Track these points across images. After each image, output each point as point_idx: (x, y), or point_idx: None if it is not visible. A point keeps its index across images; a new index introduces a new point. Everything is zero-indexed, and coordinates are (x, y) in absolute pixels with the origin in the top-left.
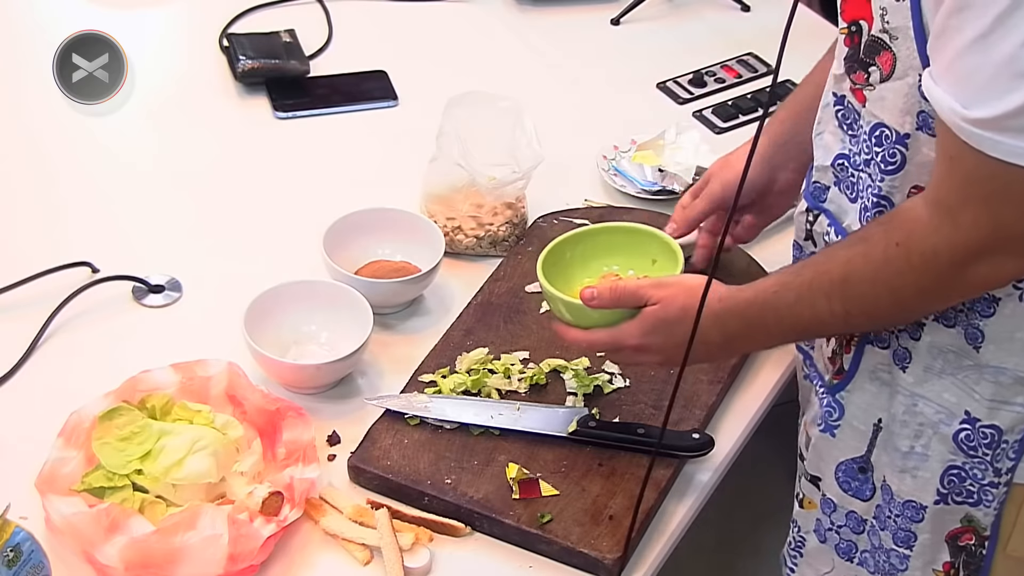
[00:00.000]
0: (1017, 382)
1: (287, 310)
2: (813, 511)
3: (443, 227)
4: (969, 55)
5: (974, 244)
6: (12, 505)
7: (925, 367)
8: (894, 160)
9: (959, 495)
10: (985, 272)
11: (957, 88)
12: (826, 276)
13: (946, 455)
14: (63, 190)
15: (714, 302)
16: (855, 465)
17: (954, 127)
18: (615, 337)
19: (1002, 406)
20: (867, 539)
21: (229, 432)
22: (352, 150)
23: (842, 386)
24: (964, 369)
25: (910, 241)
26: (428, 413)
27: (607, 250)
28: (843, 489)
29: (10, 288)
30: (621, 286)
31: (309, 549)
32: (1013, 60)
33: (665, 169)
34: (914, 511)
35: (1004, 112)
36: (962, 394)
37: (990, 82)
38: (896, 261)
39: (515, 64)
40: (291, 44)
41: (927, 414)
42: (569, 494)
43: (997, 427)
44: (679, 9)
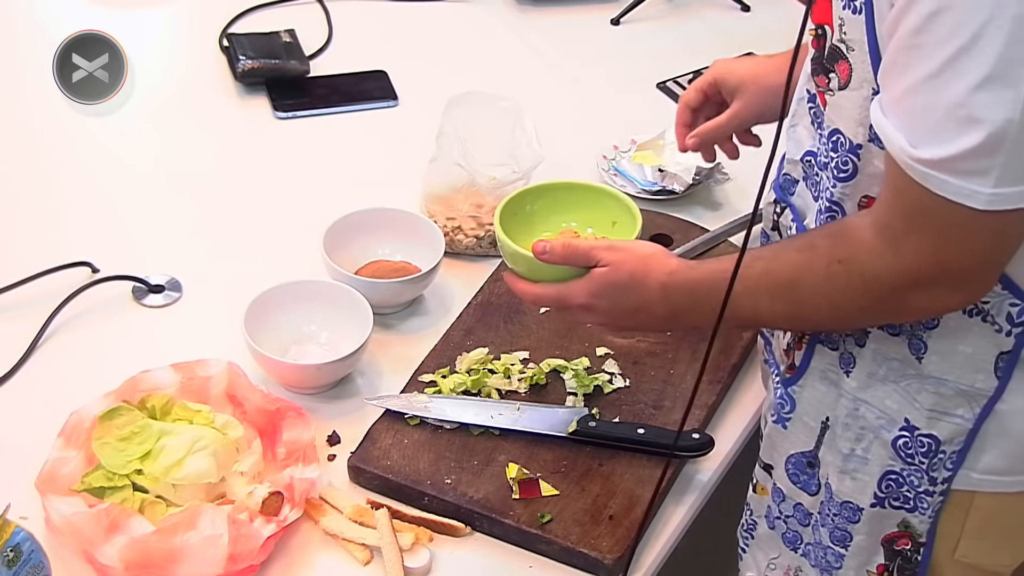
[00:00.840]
0: (958, 394)
1: (287, 310)
2: (765, 497)
3: (443, 227)
4: (918, 94)
5: (914, 273)
6: (12, 505)
7: (869, 373)
8: (846, 168)
9: (896, 500)
10: (923, 301)
11: (905, 125)
12: (772, 276)
13: (885, 460)
14: (63, 190)
15: (663, 274)
16: (804, 459)
17: (902, 163)
18: (562, 294)
19: (942, 416)
20: (811, 532)
21: (229, 432)
22: (352, 150)
23: (794, 381)
24: (907, 378)
25: (852, 262)
26: (428, 413)
27: (568, 206)
28: (792, 481)
29: (10, 288)
30: (574, 244)
31: (309, 549)
32: (961, 104)
33: (665, 169)
34: (851, 512)
35: (952, 155)
36: (903, 402)
37: (939, 124)
38: (837, 278)
39: (515, 64)
40: (291, 44)
41: (869, 419)
42: (569, 494)
43: (935, 436)
44: (679, 9)
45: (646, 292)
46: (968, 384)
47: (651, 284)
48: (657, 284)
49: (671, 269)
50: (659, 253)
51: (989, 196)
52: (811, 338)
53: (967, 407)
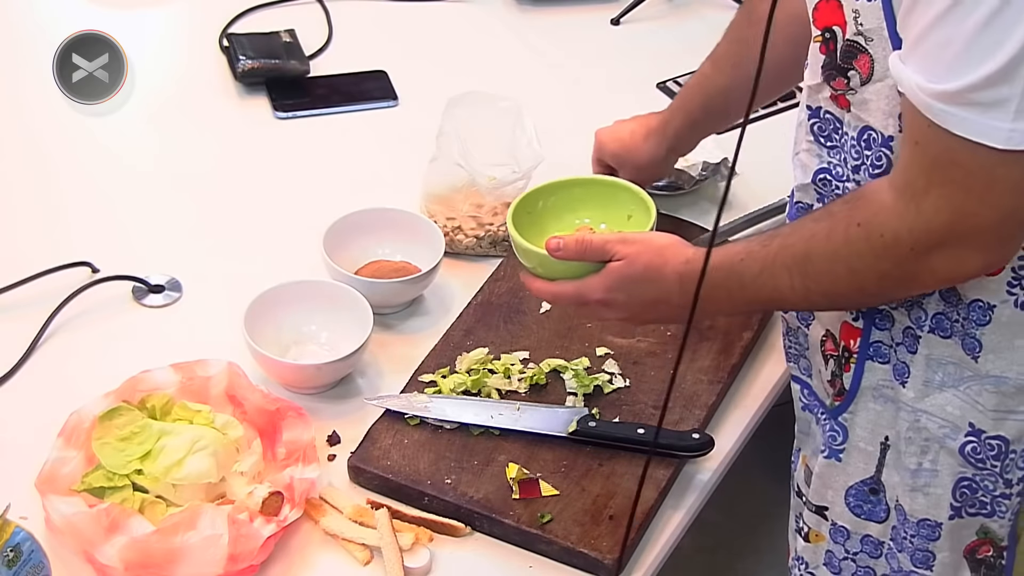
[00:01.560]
0: (1020, 390)
1: (287, 310)
2: (822, 543)
3: (443, 227)
4: (939, 27)
5: (935, 232)
6: (12, 505)
7: (925, 381)
8: (880, 163)
9: (972, 507)
10: (945, 263)
11: (926, 63)
12: (789, 250)
13: (956, 468)
14: (63, 190)
15: (679, 263)
16: (865, 487)
17: (920, 104)
18: (579, 290)
19: (1007, 416)
20: (885, 563)
21: (229, 432)
22: (352, 150)
23: (844, 407)
24: (965, 380)
25: (871, 223)
26: (428, 413)
27: (582, 203)
28: (855, 514)
29: (10, 288)
30: (587, 239)
31: (309, 549)
32: (984, 28)
33: None
34: (930, 529)
35: (973, 82)
36: (965, 406)
37: (961, 53)
38: (856, 242)
39: (515, 64)
40: (291, 44)
41: (931, 429)
42: (569, 494)
43: (1003, 437)
44: (679, 9)
45: (664, 283)
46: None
47: (668, 275)
48: (674, 274)
49: (687, 258)
50: (675, 243)
51: (1007, 132)
52: (859, 356)
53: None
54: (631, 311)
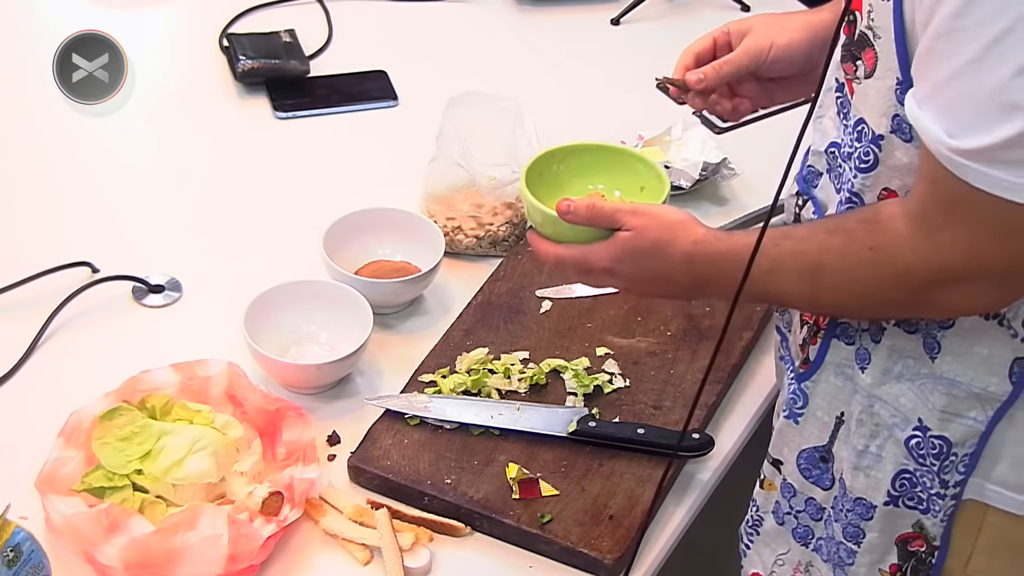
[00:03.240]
0: (971, 396)
1: (287, 310)
2: (773, 493)
3: (443, 227)
4: (958, 81)
5: (950, 268)
6: (12, 505)
7: (884, 370)
8: (868, 159)
9: (910, 500)
10: (957, 298)
11: (944, 115)
12: (802, 256)
13: (899, 459)
14: (63, 190)
15: (688, 243)
16: (817, 454)
17: (939, 156)
18: (585, 256)
19: (954, 418)
20: (823, 527)
21: (229, 432)
22: (352, 150)
23: (808, 375)
24: (921, 376)
25: (885, 251)
26: (428, 413)
27: (595, 169)
28: (804, 476)
29: (10, 288)
30: (599, 205)
31: (309, 549)
32: (1004, 89)
33: (671, 165)
34: (864, 509)
35: (993, 144)
36: (917, 401)
37: (980, 111)
38: (868, 266)
39: (515, 64)
40: (291, 44)
41: (883, 416)
42: (569, 494)
43: (946, 439)
44: (679, 9)
45: (670, 260)
46: (982, 387)
47: (675, 252)
48: (682, 253)
49: (697, 238)
50: (687, 220)
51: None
52: (826, 332)
53: (980, 409)
54: (633, 282)
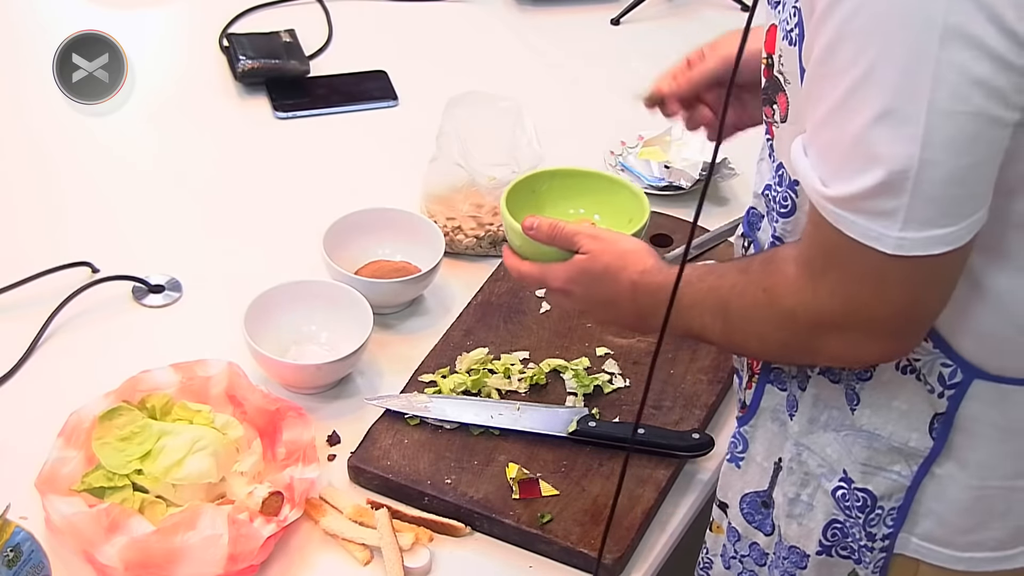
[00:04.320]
0: (892, 450)
1: (287, 310)
2: (720, 536)
3: (443, 227)
4: (826, 128)
5: (827, 315)
6: (12, 505)
7: (810, 419)
8: (786, 204)
9: (843, 550)
10: (840, 346)
11: (818, 162)
12: (715, 293)
13: (829, 509)
14: (63, 190)
15: (635, 272)
16: (758, 499)
17: (815, 203)
18: (543, 273)
19: (877, 472)
20: (767, 572)
21: (229, 432)
22: (352, 150)
23: (746, 420)
24: (844, 427)
25: (774, 292)
26: (428, 413)
27: (583, 193)
28: (747, 521)
29: (10, 288)
30: (560, 226)
31: (309, 549)
32: (863, 138)
33: (672, 165)
34: (799, 557)
35: (855, 193)
36: (842, 452)
37: (843, 159)
38: (761, 308)
39: (515, 64)
40: (291, 44)
41: (811, 465)
42: (569, 494)
43: (870, 492)
44: (679, 9)
45: (618, 287)
46: (902, 442)
47: (623, 280)
48: (628, 282)
49: (644, 268)
50: (640, 250)
51: (896, 240)
52: (760, 377)
53: (904, 463)
54: (586, 305)
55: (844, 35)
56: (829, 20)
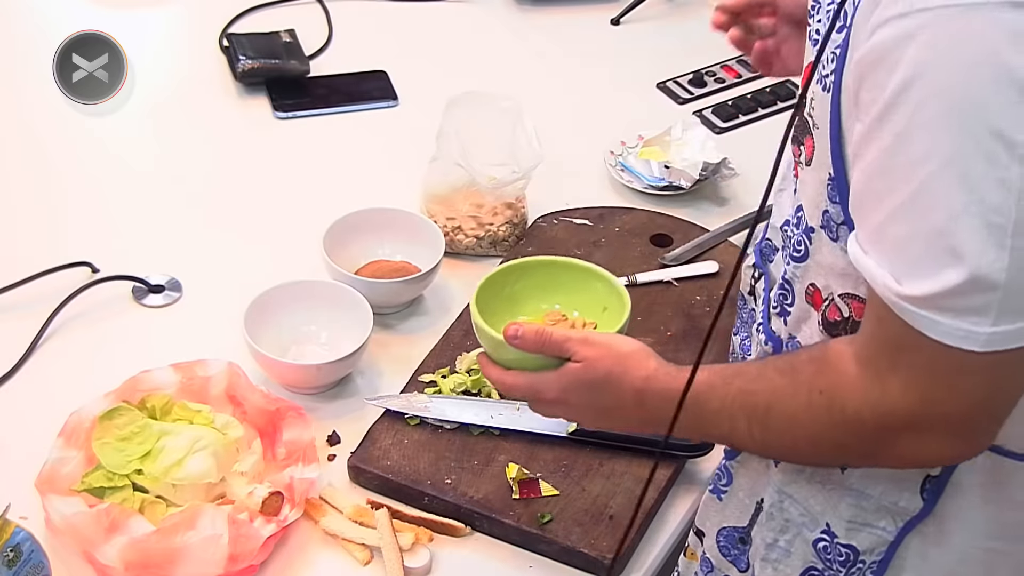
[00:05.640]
0: (881, 508)
1: (287, 310)
2: (694, 563)
3: (443, 227)
4: (897, 223)
5: (901, 414)
6: (12, 505)
7: (796, 469)
8: (800, 248)
9: None
10: (910, 447)
11: (888, 259)
12: (752, 397)
13: (808, 558)
14: (63, 190)
15: (639, 378)
16: (736, 534)
17: (889, 302)
18: (534, 385)
19: (862, 528)
20: None
21: (229, 432)
22: (352, 150)
23: (734, 455)
24: (831, 483)
25: (834, 395)
26: (428, 413)
27: (555, 287)
28: (722, 554)
29: (10, 288)
30: (547, 332)
31: (309, 549)
32: (944, 233)
33: (671, 165)
34: None
35: (939, 291)
36: (826, 505)
37: (923, 255)
38: (817, 410)
39: (515, 64)
40: (291, 44)
41: (792, 514)
42: (569, 494)
43: (853, 547)
44: (679, 9)
45: (621, 393)
46: (891, 501)
47: (626, 387)
48: (632, 388)
49: (648, 373)
50: (638, 352)
51: (987, 336)
52: None
53: (890, 520)
54: (584, 415)
55: (913, 127)
56: (894, 113)
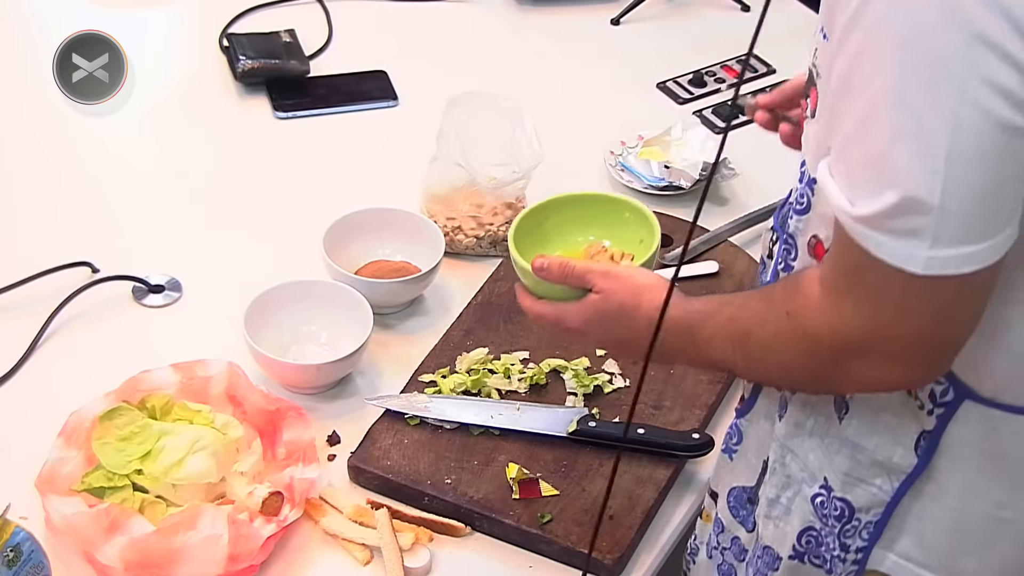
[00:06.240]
0: (875, 464)
1: (287, 310)
2: (708, 525)
3: (443, 227)
4: (850, 145)
5: (854, 336)
6: (12, 505)
7: (796, 423)
8: (803, 201)
9: (816, 558)
10: (864, 371)
11: (843, 181)
12: (736, 324)
13: (806, 515)
14: (63, 190)
15: (652, 309)
16: (745, 495)
17: (843, 223)
18: (559, 314)
19: (858, 483)
20: (744, 568)
21: (229, 432)
22: (352, 150)
23: (744, 412)
24: (829, 435)
25: (798, 315)
26: (428, 413)
27: (590, 220)
28: (732, 514)
29: (10, 288)
30: (571, 264)
31: (309, 549)
32: (884, 155)
33: (671, 165)
34: (771, 559)
35: (881, 210)
36: (824, 460)
37: (868, 177)
38: (784, 334)
39: (515, 64)
40: (291, 44)
41: (793, 469)
42: (569, 494)
43: (848, 502)
44: (679, 9)
45: (635, 325)
46: (885, 456)
47: (640, 318)
48: (645, 318)
49: (658, 304)
50: (654, 285)
51: (925, 259)
52: None
53: (885, 478)
54: (604, 344)
55: (866, 49)
56: (852, 34)
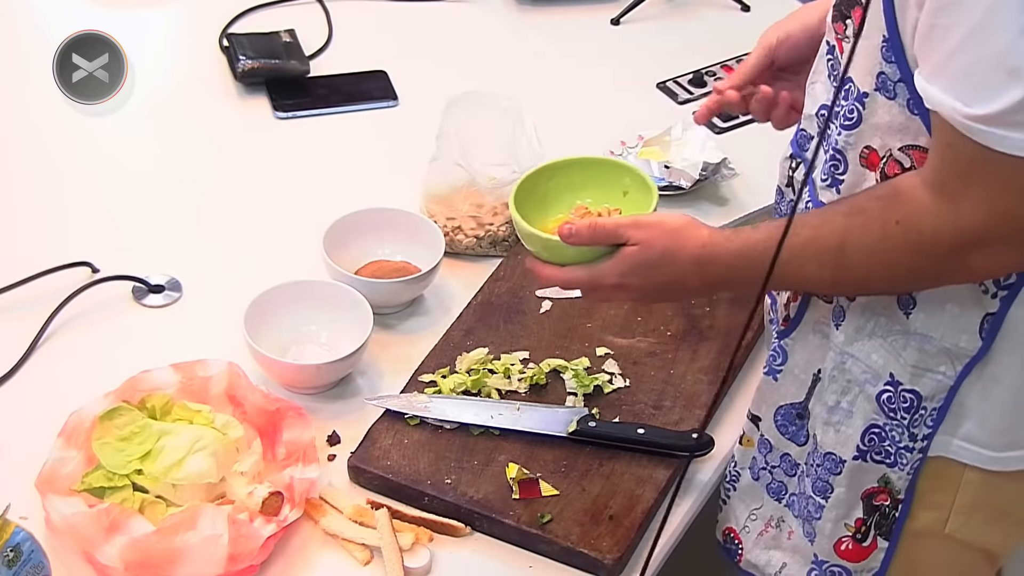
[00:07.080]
0: (942, 352)
1: (287, 310)
2: (751, 449)
3: (443, 227)
4: (963, 51)
5: (976, 231)
6: (12, 505)
7: (857, 327)
8: (852, 116)
9: (878, 454)
10: (983, 261)
11: (955, 86)
12: (821, 241)
13: (869, 414)
14: (63, 190)
15: (696, 247)
16: (793, 411)
17: (957, 124)
18: (593, 275)
19: (925, 373)
20: (796, 482)
21: (229, 432)
22: (352, 150)
23: (787, 333)
24: (893, 333)
25: (910, 222)
26: (428, 413)
27: (581, 183)
28: (780, 432)
29: (10, 288)
30: (599, 223)
31: (309, 549)
32: (1009, 53)
33: (671, 165)
34: (833, 464)
35: (1005, 108)
36: (889, 357)
37: (988, 77)
38: (895, 239)
39: (515, 64)
40: (291, 44)
41: (854, 373)
42: (569, 494)
43: (917, 392)
44: (679, 9)
45: (679, 266)
46: (952, 343)
47: (684, 258)
48: (691, 258)
49: (704, 241)
50: (689, 224)
51: None
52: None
53: (949, 364)
54: (644, 293)
55: None
56: None
